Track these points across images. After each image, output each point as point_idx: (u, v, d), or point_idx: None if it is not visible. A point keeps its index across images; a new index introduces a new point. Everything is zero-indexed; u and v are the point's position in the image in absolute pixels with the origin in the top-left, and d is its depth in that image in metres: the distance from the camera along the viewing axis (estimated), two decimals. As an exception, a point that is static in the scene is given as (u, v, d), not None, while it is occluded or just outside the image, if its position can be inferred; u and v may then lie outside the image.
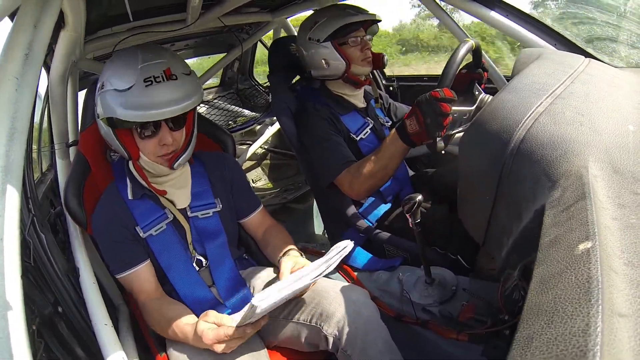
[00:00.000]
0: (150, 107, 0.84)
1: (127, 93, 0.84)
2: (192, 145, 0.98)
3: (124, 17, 1.12)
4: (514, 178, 0.58)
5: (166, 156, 0.94)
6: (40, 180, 1.51)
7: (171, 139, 0.92)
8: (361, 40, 1.29)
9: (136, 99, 0.84)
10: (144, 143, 0.92)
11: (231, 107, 2.78)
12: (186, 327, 0.85)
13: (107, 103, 0.87)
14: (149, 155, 0.94)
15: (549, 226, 0.43)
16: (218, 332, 0.78)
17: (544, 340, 0.30)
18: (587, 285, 0.31)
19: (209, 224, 1.03)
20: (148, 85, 0.84)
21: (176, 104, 0.86)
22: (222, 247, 1.03)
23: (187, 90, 0.89)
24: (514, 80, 0.74)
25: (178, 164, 0.95)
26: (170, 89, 0.86)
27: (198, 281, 0.99)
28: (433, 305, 1.03)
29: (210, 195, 1.05)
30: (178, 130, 0.94)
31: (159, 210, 0.99)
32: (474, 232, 0.79)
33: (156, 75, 0.85)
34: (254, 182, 2.72)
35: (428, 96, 0.96)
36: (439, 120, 0.96)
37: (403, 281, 1.11)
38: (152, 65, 0.86)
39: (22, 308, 0.53)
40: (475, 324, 0.92)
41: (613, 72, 0.88)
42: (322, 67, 1.30)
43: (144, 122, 0.87)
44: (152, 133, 0.91)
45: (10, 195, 0.55)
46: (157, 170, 0.97)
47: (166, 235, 0.98)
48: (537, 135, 0.57)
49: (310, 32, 1.29)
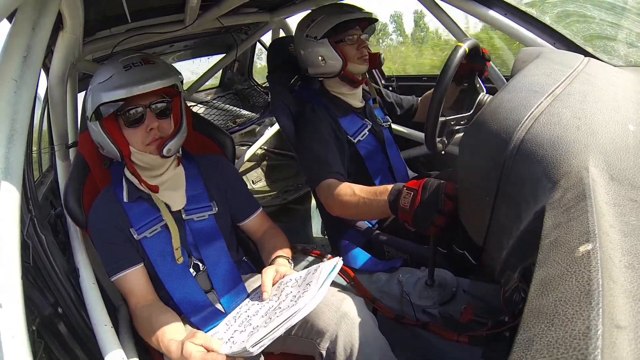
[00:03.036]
0: (131, 85, 0.86)
1: (108, 80, 0.89)
2: (181, 134, 0.97)
3: (122, 18, 1.12)
4: (514, 179, 0.58)
5: (154, 142, 0.94)
6: (40, 181, 1.51)
7: (157, 124, 0.93)
8: (358, 39, 1.29)
9: (117, 82, 0.88)
10: (132, 132, 0.93)
11: (230, 107, 2.78)
12: (171, 344, 0.81)
13: (92, 98, 0.90)
14: (137, 145, 0.93)
15: (549, 228, 0.43)
16: (205, 357, 0.74)
17: (545, 343, 0.29)
18: (588, 287, 0.31)
19: (205, 227, 1.02)
20: (127, 69, 0.89)
21: (154, 79, 0.88)
22: (220, 251, 1.02)
23: (165, 70, 0.93)
24: (514, 80, 0.74)
25: (167, 149, 0.94)
26: (149, 69, 0.91)
27: (194, 286, 0.97)
28: (433, 306, 1.03)
29: (206, 198, 1.04)
30: (164, 118, 0.95)
31: (154, 212, 0.98)
32: (474, 233, 0.78)
33: (134, 62, 0.91)
34: (253, 182, 2.71)
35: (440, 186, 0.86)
36: (432, 219, 0.86)
37: (403, 283, 1.11)
38: (131, 58, 0.92)
39: (22, 308, 0.53)
40: (476, 326, 0.92)
41: (612, 70, 0.88)
42: (318, 64, 1.29)
43: (128, 107, 0.90)
44: (138, 120, 0.92)
45: (10, 196, 0.55)
46: (149, 162, 0.96)
47: (161, 238, 0.97)
48: (537, 135, 0.57)
49: (308, 29, 1.29)
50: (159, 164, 0.98)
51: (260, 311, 0.84)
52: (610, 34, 1.20)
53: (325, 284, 0.76)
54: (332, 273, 0.79)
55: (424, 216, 0.87)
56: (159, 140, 0.94)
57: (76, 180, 1.05)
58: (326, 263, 0.82)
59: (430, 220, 0.87)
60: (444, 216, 0.85)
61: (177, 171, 1.03)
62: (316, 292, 0.74)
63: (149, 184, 0.97)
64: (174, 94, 0.97)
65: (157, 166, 0.98)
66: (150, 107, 0.92)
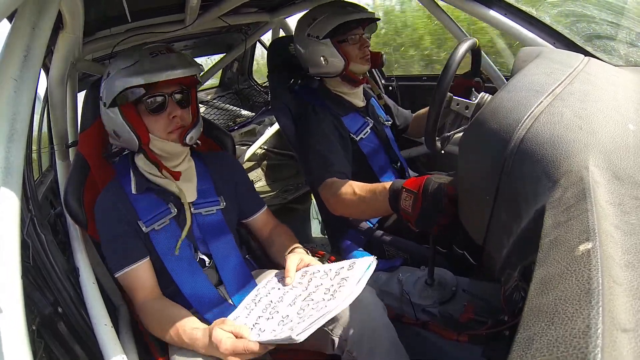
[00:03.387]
0: (159, 70, 0.88)
1: (133, 66, 0.90)
2: (200, 124, 1.00)
3: (122, 18, 1.12)
4: (514, 178, 0.58)
5: (177, 130, 0.95)
6: (40, 181, 1.51)
7: (180, 112, 0.94)
8: (360, 38, 1.29)
9: (143, 67, 0.89)
10: (154, 119, 0.94)
11: (230, 107, 2.78)
12: (195, 332, 0.81)
13: (113, 84, 0.90)
14: (160, 132, 0.94)
15: (549, 227, 0.43)
16: (236, 344, 0.75)
17: (545, 342, 0.29)
18: (588, 286, 0.31)
19: (212, 222, 1.02)
20: (154, 56, 0.91)
21: (180, 67, 0.90)
22: (228, 245, 1.02)
23: (189, 60, 0.95)
24: (514, 79, 0.74)
25: (190, 136, 0.96)
26: (174, 58, 0.92)
27: (203, 280, 0.96)
28: (433, 306, 1.03)
29: (214, 193, 1.04)
30: (185, 108, 0.96)
31: (163, 204, 0.97)
32: (473, 232, 0.78)
33: (160, 50, 0.93)
34: (253, 182, 2.72)
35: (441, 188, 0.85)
36: (435, 219, 0.86)
37: (403, 282, 1.11)
38: (157, 46, 0.94)
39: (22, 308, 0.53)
40: (476, 325, 0.92)
41: (612, 70, 0.88)
42: (320, 64, 1.29)
43: (152, 94, 0.91)
44: (160, 107, 0.93)
45: (10, 195, 0.55)
46: (170, 150, 0.97)
47: (170, 231, 0.96)
48: (537, 134, 0.57)
49: (309, 28, 1.28)
50: (178, 152, 0.99)
51: (285, 298, 0.84)
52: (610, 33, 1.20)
53: (361, 281, 0.77)
54: (368, 271, 0.80)
55: (427, 218, 0.88)
56: (180, 128, 0.95)
57: (76, 179, 1.05)
58: (361, 260, 0.83)
59: (433, 221, 0.87)
60: (447, 216, 0.85)
61: (191, 164, 1.04)
62: (354, 287, 0.75)
63: (171, 170, 0.97)
64: (192, 84, 0.98)
65: (176, 155, 0.99)
66: (172, 95, 0.93)
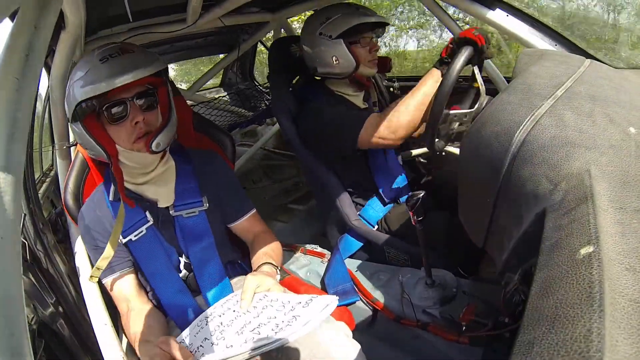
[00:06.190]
0: (109, 78, 0.79)
1: (86, 75, 0.82)
2: (170, 126, 0.90)
3: (124, 17, 1.12)
4: (515, 180, 0.58)
5: (141, 139, 0.87)
6: (41, 180, 1.51)
7: (142, 117, 0.86)
8: (371, 41, 1.29)
9: (93, 77, 0.81)
10: (116, 130, 0.86)
11: (231, 107, 2.78)
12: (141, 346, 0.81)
13: (70, 97, 0.84)
14: (124, 143, 0.87)
15: (550, 230, 0.43)
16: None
17: (545, 346, 0.29)
18: (589, 290, 0.31)
19: (194, 224, 0.97)
20: (104, 62, 0.82)
21: (134, 69, 0.81)
22: (207, 250, 0.97)
23: (146, 58, 0.85)
24: (515, 82, 0.74)
25: (156, 143, 0.86)
26: (128, 59, 0.83)
27: (181, 289, 0.94)
28: (433, 307, 1.03)
29: (197, 193, 0.98)
30: (151, 111, 0.88)
31: (140, 213, 0.94)
32: (474, 234, 0.78)
33: (111, 53, 0.83)
34: (254, 182, 2.71)
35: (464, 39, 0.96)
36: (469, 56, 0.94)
37: (403, 283, 1.11)
38: (108, 49, 0.85)
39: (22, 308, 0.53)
40: (476, 326, 0.92)
41: (614, 73, 0.87)
42: (330, 64, 1.27)
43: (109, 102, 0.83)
44: (122, 114, 0.85)
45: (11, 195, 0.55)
46: (139, 161, 0.90)
47: (147, 241, 0.94)
48: (538, 137, 0.57)
49: (322, 27, 1.25)
50: (149, 161, 0.92)
51: (235, 323, 0.77)
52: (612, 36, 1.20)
53: (310, 323, 0.68)
54: (323, 312, 0.70)
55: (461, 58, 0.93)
56: (146, 135, 0.87)
57: (76, 179, 1.05)
58: (319, 299, 0.74)
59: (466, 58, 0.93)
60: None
61: (168, 166, 0.98)
62: (299, 328, 0.68)
63: (124, 196, 0.90)
64: (159, 83, 0.90)
65: (147, 164, 0.92)
66: (133, 100, 0.85)
